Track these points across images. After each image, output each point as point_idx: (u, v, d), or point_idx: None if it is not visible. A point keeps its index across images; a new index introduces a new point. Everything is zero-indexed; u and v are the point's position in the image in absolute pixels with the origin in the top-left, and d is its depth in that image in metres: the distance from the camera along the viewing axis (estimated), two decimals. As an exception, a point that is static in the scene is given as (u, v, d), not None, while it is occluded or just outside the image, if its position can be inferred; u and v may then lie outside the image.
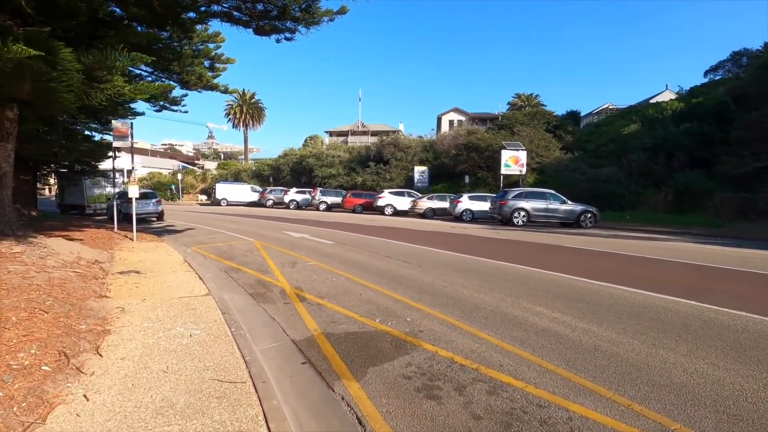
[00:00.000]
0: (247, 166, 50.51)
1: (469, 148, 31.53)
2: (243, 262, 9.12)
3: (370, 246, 11.39)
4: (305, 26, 11.72)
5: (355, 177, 36.40)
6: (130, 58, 5.09)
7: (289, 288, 6.70)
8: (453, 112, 65.47)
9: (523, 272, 7.84)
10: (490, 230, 16.11)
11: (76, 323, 3.88)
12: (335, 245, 11.57)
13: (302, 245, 11.63)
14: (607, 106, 55.50)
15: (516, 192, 18.23)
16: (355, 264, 8.75)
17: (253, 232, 15.16)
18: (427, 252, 10.36)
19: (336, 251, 10.47)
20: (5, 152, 6.51)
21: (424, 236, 14.01)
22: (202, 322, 4.48)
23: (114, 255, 8.35)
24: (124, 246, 10.11)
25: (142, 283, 6.09)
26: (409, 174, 34.96)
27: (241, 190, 37.02)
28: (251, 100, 58.45)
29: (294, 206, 32.48)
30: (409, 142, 37.04)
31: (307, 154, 40.62)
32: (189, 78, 16.43)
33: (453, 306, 5.62)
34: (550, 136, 30.54)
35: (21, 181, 15.56)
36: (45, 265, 5.50)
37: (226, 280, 7.35)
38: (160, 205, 20.46)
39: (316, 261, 9.11)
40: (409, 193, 26.40)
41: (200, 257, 9.80)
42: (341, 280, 7.23)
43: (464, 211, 20.71)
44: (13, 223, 6.72)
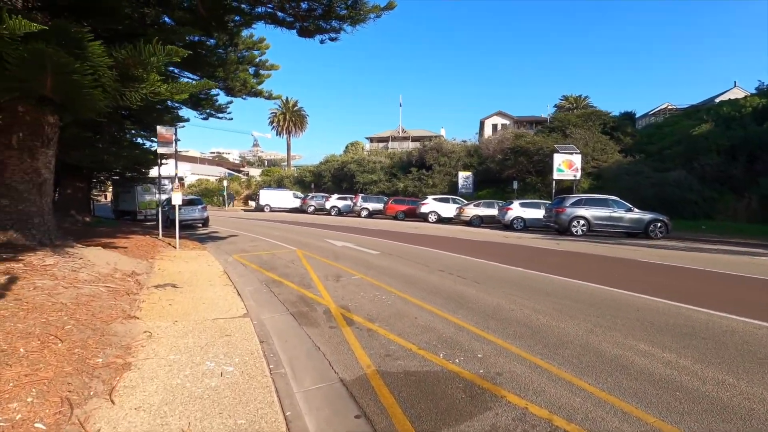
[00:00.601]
0: (289, 172, 51.20)
1: (517, 152, 29.96)
2: (284, 273, 8.54)
3: (418, 257, 10.53)
4: (351, 24, 11.13)
5: (396, 183, 35.68)
6: (166, 52, 4.59)
7: (334, 307, 5.97)
8: (496, 115, 63.53)
9: (603, 294, 6.68)
10: (548, 240, 14.77)
11: (93, 355, 3.30)
12: (381, 256, 10.80)
13: (346, 255, 10.95)
14: (666, 106, 51.63)
15: (575, 198, 16.73)
16: (404, 279, 7.92)
17: (295, 240, 14.73)
18: (484, 265, 9.35)
19: (383, 263, 9.69)
20: (46, 158, 6.27)
21: (476, 246, 12.96)
22: (237, 353, 3.80)
23: (153, 265, 8.01)
24: (166, 254, 9.85)
25: (176, 300, 5.56)
26: (452, 180, 33.80)
27: (284, 197, 37.29)
28: (294, 108, 59.46)
29: (335, 213, 32.20)
30: (452, 146, 35.88)
31: (348, 160, 40.41)
32: (234, 84, 16.40)
33: (530, 338, 4.64)
34: (607, 138, 28.38)
35: (76, 188, 16.05)
36: (76, 279, 5.08)
37: (266, 296, 6.75)
38: (205, 211, 20.64)
39: (362, 274, 8.36)
40: (454, 200, 25.28)
41: (241, 267, 9.35)
42: (392, 299, 6.41)
43: (515, 219, 19.37)
44: (53, 232, 6.46)
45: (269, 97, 17.71)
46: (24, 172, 6.03)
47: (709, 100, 40.74)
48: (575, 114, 32.15)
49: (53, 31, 3.54)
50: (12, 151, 5.88)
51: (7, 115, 5.72)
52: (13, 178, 5.93)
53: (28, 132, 6.01)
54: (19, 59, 3.35)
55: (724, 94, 39.91)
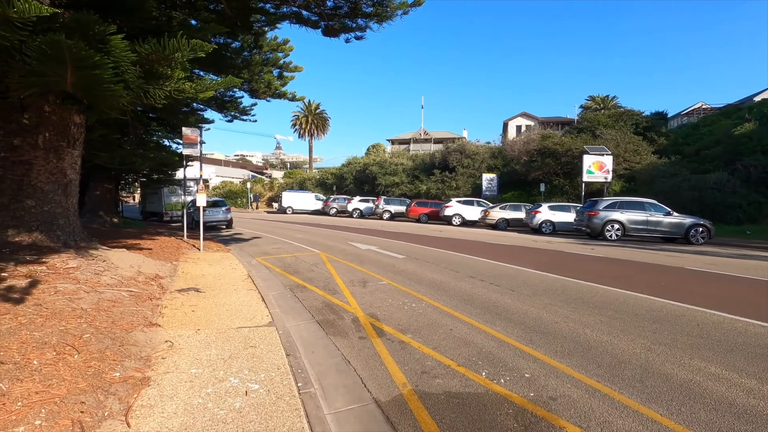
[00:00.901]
0: (311, 174, 51.42)
1: (544, 154, 29.10)
2: (309, 278, 8.27)
3: (446, 262, 10.11)
4: (377, 22, 10.86)
5: (418, 185, 35.24)
6: (190, 47, 4.38)
7: (362, 315, 5.63)
8: (520, 117, 62.34)
9: (654, 306, 6.12)
10: (581, 245, 14.08)
11: (110, 368, 3.05)
12: (407, 260, 10.43)
13: (371, 259, 10.63)
14: (700, 105, 49.43)
15: (608, 201, 15.94)
16: (434, 285, 7.53)
17: (318, 242, 14.52)
18: (516, 272, 8.86)
19: (409, 268, 9.32)
20: (71, 159, 6.18)
21: (505, 251, 12.43)
22: (262, 368, 3.50)
23: (177, 267, 7.86)
24: (190, 256, 9.74)
25: (199, 306, 5.34)
26: (476, 182, 33.12)
27: (306, 199, 37.36)
28: (316, 111, 59.79)
29: (357, 215, 32.01)
30: (476, 148, 35.20)
31: (370, 162, 40.20)
32: (258, 86, 16.39)
33: (581, 355, 4.19)
34: (639, 138, 27.21)
35: (104, 189, 16.29)
36: (98, 283, 4.91)
37: (290, 301, 6.48)
38: (229, 213, 20.73)
39: (389, 279, 8.01)
40: (479, 202, 24.67)
41: (265, 270, 9.15)
42: (422, 307, 6.04)
43: (544, 222, 18.66)
44: (78, 234, 6.36)
45: (293, 98, 17.64)
46: (50, 172, 5.95)
47: (746, 99, 38.71)
48: (605, 114, 31.00)
49: (74, 23, 3.37)
50: (38, 151, 5.80)
51: (33, 115, 5.64)
52: (39, 179, 5.85)
53: (54, 132, 5.93)
54: (39, 52, 3.17)
55: (761, 93, 37.85)
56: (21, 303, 3.90)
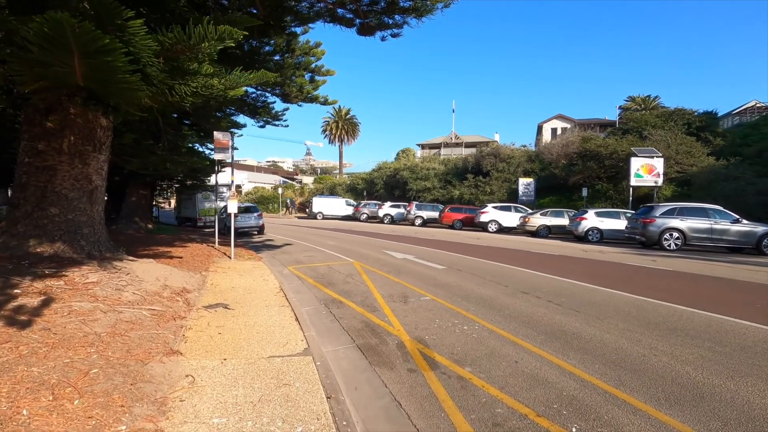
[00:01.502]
0: (341, 179, 51.31)
1: (585, 157, 27.55)
2: (344, 291, 7.64)
3: (491, 274, 9.25)
4: (416, 17, 10.20)
5: (451, 190, 34.25)
6: (218, 35, 3.85)
7: (408, 339, 4.92)
8: (556, 119, 60.14)
9: (766, 336, 5.08)
10: (639, 256, 12.82)
11: (116, 419, 2.47)
12: (448, 272, 9.64)
13: (408, 270, 9.91)
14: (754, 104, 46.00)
15: (666, 207, 14.55)
16: (484, 302, 6.72)
17: (351, 250, 13.93)
18: (574, 287, 7.90)
19: (452, 280, 8.53)
20: (97, 164, 5.82)
21: (555, 262, 11.40)
22: (299, 417, 2.84)
23: (206, 279, 7.41)
24: (221, 266, 9.33)
25: (227, 327, 4.77)
26: (511, 186, 31.82)
27: (336, 204, 37.09)
28: (346, 116, 59.82)
29: (388, 221, 31.36)
30: (511, 152, 33.89)
31: (401, 167, 39.53)
32: (290, 90, 16.10)
33: (695, 406, 3.29)
34: (692, 139, 25.24)
35: (140, 195, 16.37)
36: (119, 300, 4.42)
37: (326, 320, 5.84)
38: (261, 219, 20.55)
39: (432, 294, 7.26)
40: (517, 208, 23.49)
41: (297, 281, 8.60)
42: (476, 330, 5.26)
43: (590, 229, 17.36)
44: (103, 243, 5.99)
45: (325, 102, 17.27)
46: (74, 178, 5.59)
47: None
48: (653, 113, 29.05)
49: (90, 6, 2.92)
50: (62, 156, 5.45)
51: (57, 118, 5.29)
52: (63, 185, 5.50)
53: (80, 136, 5.57)
54: (39, 34, 2.71)
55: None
56: (27, 327, 3.42)
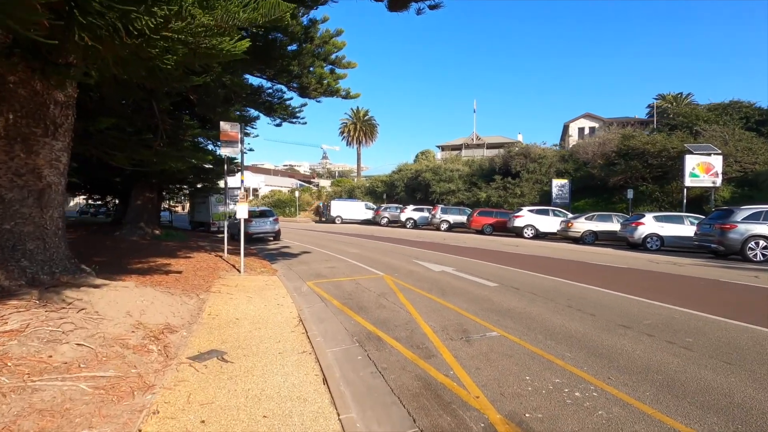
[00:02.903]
0: (360, 182, 49.71)
1: (627, 156, 25.25)
2: (381, 320, 5.88)
3: (561, 295, 7.35)
4: (462, -21, 8.41)
5: (477, 192, 32.23)
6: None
7: (498, 419, 3.11)
8: (583, 118, 57.49)
9: None
10: (728, 269, 10.67)
11: None
12: (504, 291, 7.78)
13: (454, 288, 8.09)
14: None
15: (750, 211, 12.32)
16: (579, 343, 4.86)
17: (377, 260, 12.18)
18: (697, 320, 5.93)
19: (516, 304, 6.68)
20: (51, 153, 4.22)
21: (629, 278, 9.41)
22: None
23: (204, 305, 5.73)
24: (227, 282, 7.69)
25: (217, 405, 3.05)
26: (543, 188, 29.65)
27: (355, 208, 35.47)
28: (364, 118, 58.36)
29: (411, 225, 29.54)
30: (542, 151, 31.69)
31: (422, 168, 37.66)
32: (309, 81, 14.52)
33: None
34: (752, 134, 22.70)
35: (145, 198, 14.99)
36: (45, 361, 2.76)
37: (365, 373, 4.08)
38: (277, 224, 19.01)
39: (500, 328, 5.43)
40: (555, 212, 21.37)
41: (319, 303, 6.88)
42: (595, 399, 3.41)
43: (649, 236, 15.19)
44: (58, 262, 4.38)
45: (347, 95, 15.63)
46: (15, 173, 3.99)
47: None
48: (706, 107, 26.47)
49: None
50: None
51: (-15, 86, 3.68)
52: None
53: (23, 113, 3.99)
54: None
55: None
56: None
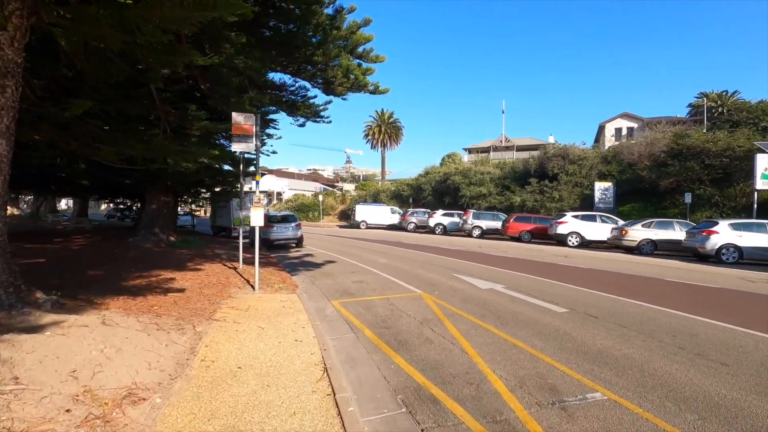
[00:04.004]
0: (385, 186, 48.29)
1: (681, 156, 22.88)
2: (431, 363, 4.39)
3: (660, 327, 5.66)
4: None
5: (510, 196, 30.25)
6: None
7: None
8: (620, 118, 54.57)
9: None
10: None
11: None
12: (579, 319, 6.14)
13: (512, 314, 6.50)
14: None
15: None
16: (734, 415, 3.22)
17: (411, 273, 10.68)
18: None
19: (610, 345, 5.04)
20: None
21: (731, 302, 7.57)
22: None
23: (199, 344, 4.37)
24: (236, 304, 6.35)
25: None
26: (584, 192, 27.46)
27: (381, 212, 34.07)
28: (389, 120, 57.09)
29: (440, 231, 27.87)
30: (582, 152, 29.46)
31: (451, 171, 35.90)
32: (334, 74, 13.23)
33: None
34: (832, 131, 20.05)
35: (161, 203, 14.00)
36: None
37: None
38: (299, 229, 17.76)
39: (605, 387, 3.85)
40: (604, 218, 19.30)
41: (348, 335, 5.45)
42: None
43: (725, 247, 13.08)
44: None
45: (375, 90, 14.27)
46: None
47: None
48: None
49: None
50: None
51: None
52: None
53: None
54: None
55: None
56: None
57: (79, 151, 5.67)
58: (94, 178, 12.41)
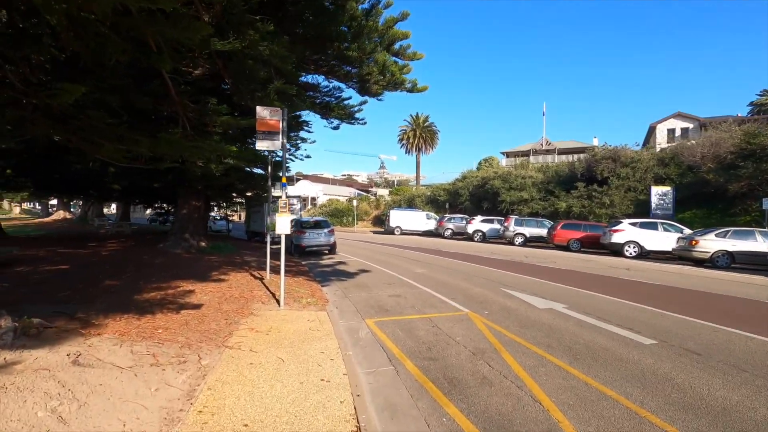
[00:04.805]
0: (421, 191, 47.09)
1: (756, 157, 20.45)
2: (494, 417, 3.31)
3: None
4: None
5: (555, 202, 28.34)
6: None
7: None
8: (674, 118, 50.77)
9: None
10: None
11: None
12: (676, 356, 4.84)
13: (585, 345, 5.28)
14: None
15: None
16: None
17: (453, 286, 9.56)
18: None
19: (736, 400, 3.77)
20: None
21: None
22: None
23: (201, 385, 3.51)
24: (256, 325, 5.51)
25: None
26: (638, 197, 25.24)
27: (416, 218, 32.97)
28: (424, 124, 55.99)
29: (479, 238, 26.42)
30: (636, 154, 27.19)
31: (490, 175, 34.28)
32: (370, 70, 12.40)
33: None
34: None
35: (192, 207, 13.61)
36: None
37: None
38: (332, 236, 17.01)
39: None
40: (666, 226, 17.32)
41: (386, 371, 4.44)
42: None
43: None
44: None
45: (413, 88, 13.32)
46: None
47: None
48: None
49: None
50: None
51: None
52: None
53: None
54: None
55: None
56: None
57: (82, 148, 5.06)
58: (127, 181, 12.19)
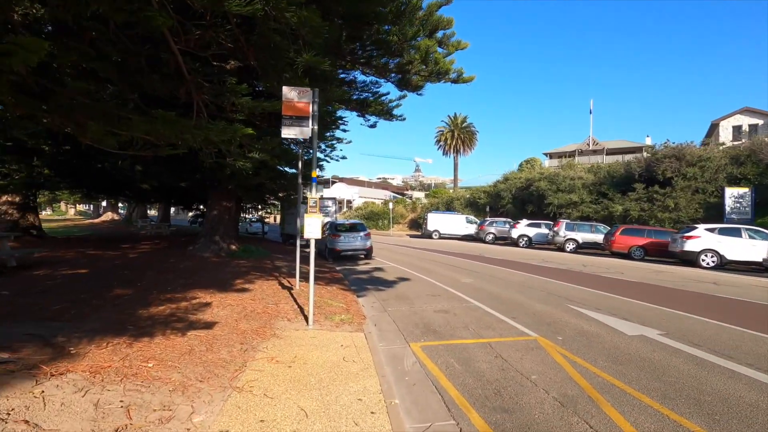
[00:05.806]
0: (459, 193, 45.33)
1: None
2: None
3: None
4: None
5: (608, 205, 25.98)
6: None
7: None
8: (740, 114, 46.41)
9: None
10: None
11: None
12: None
13: (712, 392, 3.81)
14: None
15: None
16: None
17: (510, 301, 8.17)
18: None
19: None
20: None
21: None
22: None
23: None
24: (277, 352, 4.43)
25: None
26: (708, 200, 22.62)
27: (455, 222, 31.43)
28: (462, 124, 54.20)
29: (524, 243, 24.56)
30: (704, 152, 24.46)
31: (535, 177, 32.16)
32: (411, 59, 11.28)
33: None
34: None
35: (222, 208, 12.93)
36: None
37: None
38: (368, 239, 15.94)
39: None
40: (750, 232, 14.99)
41: (446, 427, 3.20)
42: None
43: None
44: None
45: (458, 77, 12.06)
46: None
47: None
48: None
49: None
50: None
51: None
52: None
53: None
54: None
55: None
56: None
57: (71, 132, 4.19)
58: (156, 181, 11.72)
